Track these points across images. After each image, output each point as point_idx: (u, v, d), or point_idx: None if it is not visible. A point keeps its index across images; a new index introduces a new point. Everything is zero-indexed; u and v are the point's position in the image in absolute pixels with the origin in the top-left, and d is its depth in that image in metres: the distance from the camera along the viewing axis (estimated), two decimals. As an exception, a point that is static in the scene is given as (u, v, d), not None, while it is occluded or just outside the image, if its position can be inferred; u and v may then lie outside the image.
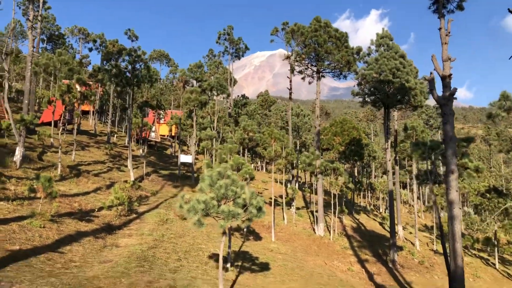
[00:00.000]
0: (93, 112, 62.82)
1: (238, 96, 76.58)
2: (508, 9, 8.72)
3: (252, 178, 20.27)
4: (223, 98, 58.80)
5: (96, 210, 20.91)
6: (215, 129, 45.53)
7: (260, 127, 67.58)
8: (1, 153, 24.60)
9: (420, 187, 68.22)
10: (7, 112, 27.33)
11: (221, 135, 50.56)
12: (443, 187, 37.33)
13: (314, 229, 32.53)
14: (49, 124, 44.51)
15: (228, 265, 17.71)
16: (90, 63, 79.96)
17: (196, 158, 55.44)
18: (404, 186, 79.79)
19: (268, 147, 34.57)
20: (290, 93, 41.78)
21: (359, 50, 34.27)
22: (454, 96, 17.10)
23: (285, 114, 65.71)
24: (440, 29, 17.63)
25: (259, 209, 13.01)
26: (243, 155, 42.73)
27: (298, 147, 60.56)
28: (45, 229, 15.50)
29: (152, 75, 36.69)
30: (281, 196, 40.56)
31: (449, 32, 17.46)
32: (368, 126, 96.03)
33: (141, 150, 50.66)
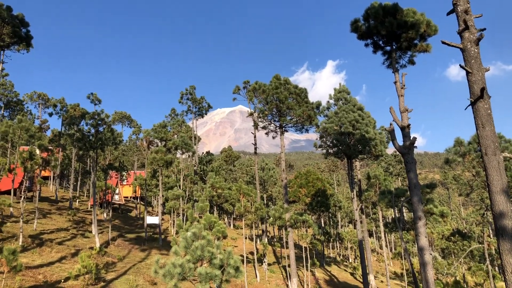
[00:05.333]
0: (53, 177, 60.84)
1: (202, 153, 76.58)
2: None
3: (225, 237, 19.98)
4: (188, 156, 58.68)
5: (62, 280, 19.79)
6: (181, 188, 44.93)
7: (226, 182, 67.40)
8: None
9: (387, 235, 68.99)
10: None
11: (187, 194, 49.87)
12: (411, 234, 38.07)
13: (287, 285, 31.90)
14: (7, 193, 42.61)
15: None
16: (49, 128, 78.35)
17: (163, 219, 54.10)
18: (370, 234, 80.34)
19: (237, 203, 34.31)
20: (255, 148, 42.27)
21: (318, 104, 35.55)
22: (414, 145, 17.87)
23: (251, 168, 66.02)
24: (395, 82, 18.67)
25: (237, 269, 12.75)
26: (212, 213, 42.17)
27: (265, 201, 60.41)
28: (8, 307, 14.49)
29: (116, 137, 36.41)
30: (251, 253, 39.87)
31: (404, 85, 18.49)
32: (331, 177, 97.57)
33: (105, 214, 49.00)
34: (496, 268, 50.70)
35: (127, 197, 74.37)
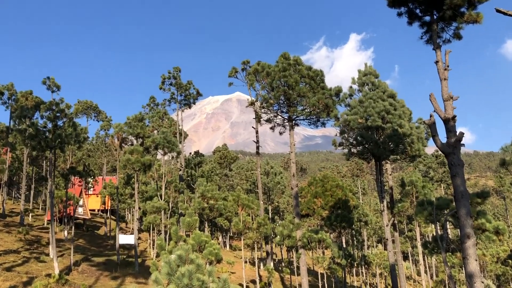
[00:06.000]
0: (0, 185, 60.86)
1: (190, 153, 76.68)
2: (495, 8, 9.34)
3: (219, 261, 19.94)
4: (172, 157, 58.73)
5: (11, 317, 19.82)
6: (163, 198, 44.95)
7: (220, 191, 67.49)
8: None
9: (426, 257, 68.92)
10: None
11: (170, 206, 49.93)
12: (458, 256, 37.84)
13: (299, 322, 31.90)
14: None
15: None
16: (-6, 122, 78.48)
17: (139, 238, 54.19)
18: (405, 256, 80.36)
19: (234, 218, 34.34)
20: (258, 147, 42.27)
21: (338, 91, 35.41)
22: (462, 142, 17.63)
23: (252, 173, 66.04)
24: (436, 62, 18.41)
25: (234, 302, 12.70)
26: (203, 230, 42.22)
27: (270, 215, 60.45)
28: None
29: (80, 134, 36.38)
30: (253, 281, 39.86)
31: (447, 66, 18.26)
32: (354, 183, 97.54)
33: (66, 232, 49.12)
34: None
35: (94, 210, 74.58)
